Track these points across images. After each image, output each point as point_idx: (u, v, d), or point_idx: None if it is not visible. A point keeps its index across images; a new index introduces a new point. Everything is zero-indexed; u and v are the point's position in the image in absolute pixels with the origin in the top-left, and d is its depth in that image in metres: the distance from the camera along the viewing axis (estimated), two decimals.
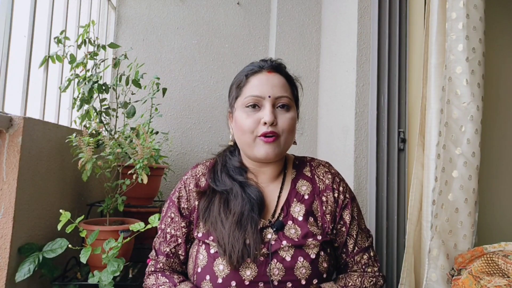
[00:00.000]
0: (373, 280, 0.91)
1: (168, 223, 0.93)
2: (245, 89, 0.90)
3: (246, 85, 0.90)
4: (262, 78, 0.90)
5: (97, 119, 1.57)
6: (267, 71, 0.91)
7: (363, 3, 1.60)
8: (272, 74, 0.91)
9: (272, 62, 0.94)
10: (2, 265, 1.01)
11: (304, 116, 2.00)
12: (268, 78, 0.90)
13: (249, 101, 0.88)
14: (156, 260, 0.93)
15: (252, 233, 0.83)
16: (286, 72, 0.95)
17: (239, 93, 0.92)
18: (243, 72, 0.94)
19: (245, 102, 0.89)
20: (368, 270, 0.92)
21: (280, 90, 0.89)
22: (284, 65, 0.97)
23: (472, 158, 1.10)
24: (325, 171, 0.97)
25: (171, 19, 2.05)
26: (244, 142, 0.90)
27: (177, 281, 0.87)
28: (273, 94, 0.88)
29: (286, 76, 0.94)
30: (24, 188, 1.07)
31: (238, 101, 0.91)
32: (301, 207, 0.91)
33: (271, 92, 0.88)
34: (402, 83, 1.54)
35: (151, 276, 0.91)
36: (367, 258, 0.92)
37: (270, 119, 0.85)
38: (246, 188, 0.90)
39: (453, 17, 1.14)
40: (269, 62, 0.93)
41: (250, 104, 0.88)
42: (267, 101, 0.87)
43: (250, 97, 0.88)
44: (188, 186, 0.94)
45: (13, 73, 1.15)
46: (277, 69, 0.93)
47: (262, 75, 0.90)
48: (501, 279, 0.87)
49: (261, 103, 0.88)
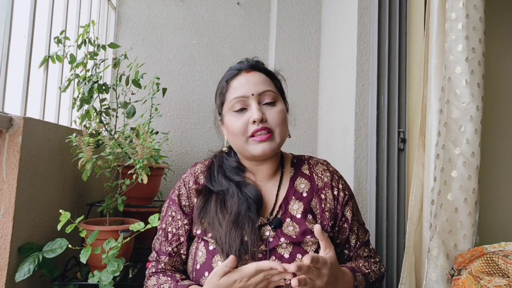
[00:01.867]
0: (377, 265, 0.96)
1: (169, 222, 0.93)
2: (227, 94, 0.91)
3: (228, 90, 0.91)
4: (241, 80, 0.90)
5: (97, 119, 1.57)
6: (245, 71, 0.91)
7: (363, 3, 1.60)
8: (251, 73, 0.91)
9: (249, 61, 0.94)
10: (2, 265, 1.01)
11: (304, 116, 2.00)
12: (248, 77, 0.90)
13: (235, 104, 0.88)
14: (158, 261, 0.92)
15: (250, 231, 0.83)
16: (265, 68, 0.95)
17: (223, 99, 0.92)
18: (223, 78, 0.94)
19: (231, 107, 0.89)
20: (371, 260, 0.96)
21: (263, 86, 0.89)
22: (261, 62, 0.96)
23: (472, 158, 1.10)
24: (323, 169, 0.97)
25: (171, 19, 2.05)
26: (238, 144, 0.90)
27: (179, 278, 0.87)
28: (256, 91, 0.88)
29: (266, 72, 0.94)
30: (24, 188, 1.08)
31: (225, 107, 0.92)
32: (300, 205, 0.91)
33: (254, 90, 0.88)
34: (402, 83, 1.54)
35: (152, 277, 0.90)
36: (368, 251, 0.97)
37: (258, 116, 0.85)
38: (243, 188, 0.90)
39: (453, 18, 1.14)
40: (246, 63, 0.94)
41: (237, 109, 0.88)
42: (252, 100, 0.88)
43: (234, 100, 0.88)
44: (188, 184, 0.94)
45: (13, 73, 1.15)
46: (255, 67, 0.93)
47: (241, 77, 0.91)
48: (501, 279, 0.87)
49: (247, 103, 0.88)
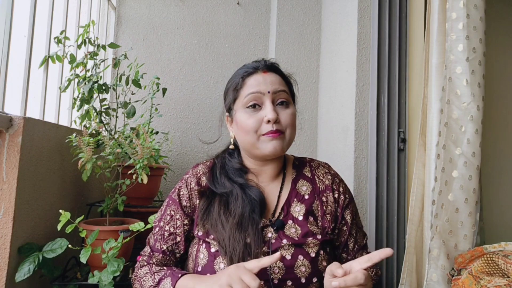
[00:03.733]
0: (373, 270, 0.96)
1: (167, 221, 0.93)
2: (242, 90, 0.91)
3: (243, 86, 0.91)
4: (258, 78, 0.90)
5: (97, 119, 1.57)
6: (262, 71, 0.91)
7: (363, 3, 1.60)
8: (268, 73, 0.91)
9: (266, 62, 0.94)
10: (2, 265, 1.01)
11: (304, 116, 1.99)
12: (265, 77, 0.90)
13: (249, 100, 0.88)
14: (150, 256, 0.92)
15: (253, 233, 0.84)
16: (281, 70, 0.96)
17: (236, 95, 0.92)
18: (238, 75, 0.94)
19: (245, 102, 0.89)
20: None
21: (279, 85, 0.90)
22: (277, 64, 0.97)
23: (472, 158, 1.10)
24: (325, 172, 0.98)
25: (171, 19, 2.05)
26: (248, 142, 0.89)
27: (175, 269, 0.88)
28: (272, 89, 0.88)
29: (281, 74, 0.95)
30: (24, 188, 1.07)
31: (237, 103, 0.91)
32: (301, 207, 0.91)
33: (270, 88, 0.88)
34: (402, 83, 1.54)
35: (143, 267, 0.90)
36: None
37: (273, 116, 0.85)
38: (247, 190, 0.90)
39: (453, 17, 1.14)
40: (263, 62, 0.94)
41: (251, 104, 0.88)
42: (267, 98, 0.88)
43: (250, 95, 0.88)
44: (190, 185, 0.94)
45: (13, 73, 1.15)
46: (272, 68, 0.94)
47: (258, 75, 0.91)
48: (501, 279, 0.87)
49: (261, 101, 0.88)
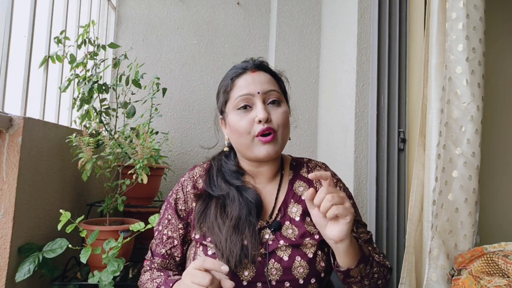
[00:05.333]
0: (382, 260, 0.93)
1: (165, 225, 0.93)
2: (232, 92, 0.90)
3: (233, 88, 0.90)
4: (247, 78, 0.89)
5: (97, 119, 1.57)
6: (251, 71, 0.91)
7: (363, 3, 1.60)
8: (257, 72, 0.91)
9: (254, 61, 0.94)
10: (2, 265, 1.01)
11: (304, 116, 2.00)
12: (254, 77, 0.89)
13: (240, 102, 0.88)
14: (152, 261, 0.93)
15: (250, 235, 0.83)
16: (270, 69, 0.95)
17: (227, 97, 0.91)
18: (227, 76, 0.93)
19: (236, 105, 0.88)
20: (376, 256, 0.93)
21: (268, 85, 0.89)
22: (266, 62, 0.96)
23: (472, 158, 1.10)
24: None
25: (171, 19, 2.05)
26: (242, 144, 0.89)
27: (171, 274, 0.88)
28: (262, 89, 0.88)
29: (271, 72, 0.94)
30: (24, 188, 1.07)
31: (229, 105, 0.91)
32: (298, 208, 0.91)
33: (260, 88, 0.88)
34: (402, 83, 1.54)
35: (146, 273, 0.92)
36: (372, 248, 0.95)
37: (263, 115, 0.85)
38: (243, 192, 0.89)
39: (453, 17, 1.14)
40: (252, 62, 0.93)
41: (241, 106, 0.87)
42: (258, 98, 0.87)
43: (239, 98, 0.88)
44: (186, 188, 0.94)
45: (13, 73, 1.15)
46: (261, 67, 0.93)
47: (247, 76, 0.90)
48: (501, 279, 0.87)
49: (252, 102, 0.87)
